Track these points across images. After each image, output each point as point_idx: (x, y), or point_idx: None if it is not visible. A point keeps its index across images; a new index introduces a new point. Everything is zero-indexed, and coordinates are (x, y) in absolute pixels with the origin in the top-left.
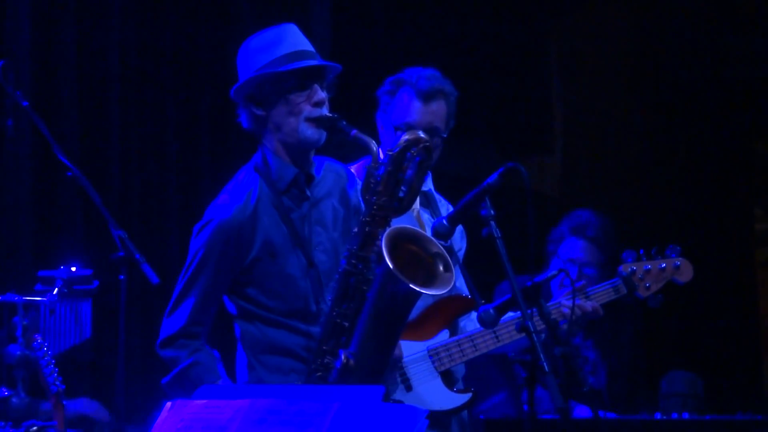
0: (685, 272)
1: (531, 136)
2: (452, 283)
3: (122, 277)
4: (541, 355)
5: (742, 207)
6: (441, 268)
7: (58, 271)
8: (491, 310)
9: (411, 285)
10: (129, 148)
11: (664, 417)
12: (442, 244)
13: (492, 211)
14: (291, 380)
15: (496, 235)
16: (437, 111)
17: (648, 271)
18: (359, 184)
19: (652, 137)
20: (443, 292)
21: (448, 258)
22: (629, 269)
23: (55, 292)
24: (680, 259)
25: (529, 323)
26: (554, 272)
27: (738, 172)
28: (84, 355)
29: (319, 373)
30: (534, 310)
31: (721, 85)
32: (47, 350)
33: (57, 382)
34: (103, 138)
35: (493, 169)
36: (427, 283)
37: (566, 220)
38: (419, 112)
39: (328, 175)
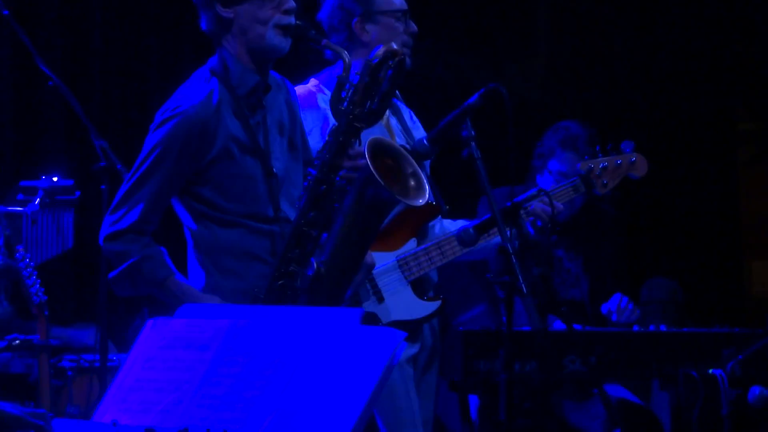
0: (640, 167)
1: (515, 40)
2: (425, 196)
3: (104, 187)
4: (520, 277)
5: (725, 106)
6: (413, 183)
7: (39, 181)
8: (471, 230)
9: (392, 193)
10: (110, 58)
11: (641, 329)
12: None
13: (472, 132)
14: (249, 284)
15: (476, 156)
16: None
17: (605, 168)
18: (326, 94)
19: (637, 37)
20: (420, 203)
21: (422, 176)
22: (587, 167)
23: (37, 202)
24: (635, 154)
25: (508, 245)
26: (534, 192)
27: (721, 71)
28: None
29: (282, 281)
30: (514, 230)
31: None
32: (30, 261)
33: (39, 293)
34: (84, 47)
35: (478, 72)
36: (401, 194)
37: (553, 133)
38: None
39: (275, 86)
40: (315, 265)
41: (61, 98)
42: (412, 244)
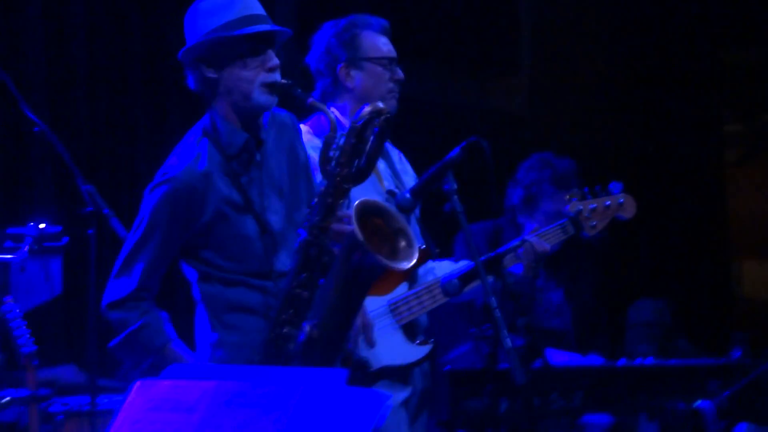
0: (629, 208)
1: (498, 56)
2: (414, 258)
3: (91, 231)
4: (503, 331)
5: (710, 109)
6: (403, 242)
7: (27, 228)
8: (455, 281)
9: (378, 257)
10: (96, 102)
11: (628, 362)
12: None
13: (454, 185)
14: (251, 339)
15: (458, 210)
16: None
17: (594, 209)
18: (315, 142)
19: (620, 51)
20: (407, 266)
21: (411, 233)
22: (576, 208)
23: (25, 249)
24: (624, 195)
25: (492, 299)
26: (517, 242)
27: (705, 77)
28: (55, 311)
29: (277, 343)
30: (497, 282)
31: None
32: (18, 312)
33: (29, 343)
34: (70, 93)
35: (461, 90)
36: (391, 256)
37: (538, 170)
38: (389, 44)
39: (273, 128)
40: (307, 328)
41: (47, 144)
42: (402, 288)
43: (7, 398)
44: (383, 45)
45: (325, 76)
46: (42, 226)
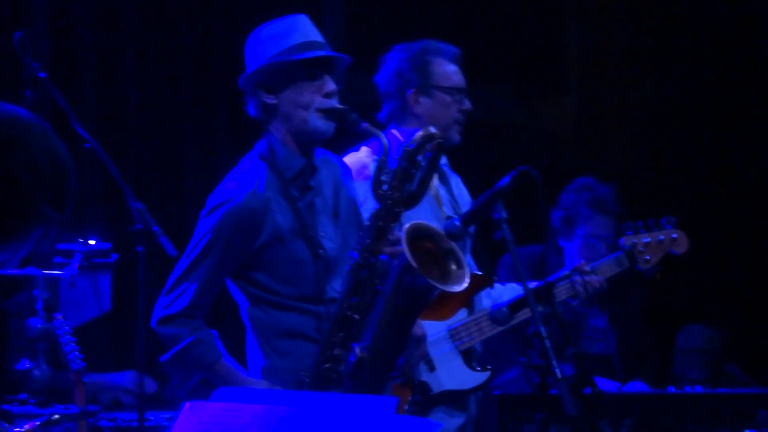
0: (681, 244)
1: (547, 77)
2: (465, 281)
3: (140, 249)
4: (553, 361)
5: (764, 134)
6: (454, 266)
7: (77, 245)
8: (504, 309)
9: (429, 280)
10: (146, 120)
11: (677, 390)
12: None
13: (504, 214)
14: (303, 365)
15: (508, 238)
16: None
17: (647, 243)
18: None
19: (670, 74)
20: (458, 289)
21: (461, 256)
22: (630, 242)
23: (74, 265)
24: (677, 230)
25: (542, 328)
26: (567, 272)
27: (758, 102)
28: (103, 327)
29: (328, 365)
30: (546, 310)
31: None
32: (67, 328)
33: (78, 360)
34: (121, 109)
35: (510, 110)
36: (442, 279)
37: (577, 194)
38: (459, 73)
39: (323, 166)
40: (357, 350)
41: (98, 161)
42: (462, 314)
43: (57, 415)
44: (454, 75)
45: (393, 98)
46: (92, 242)
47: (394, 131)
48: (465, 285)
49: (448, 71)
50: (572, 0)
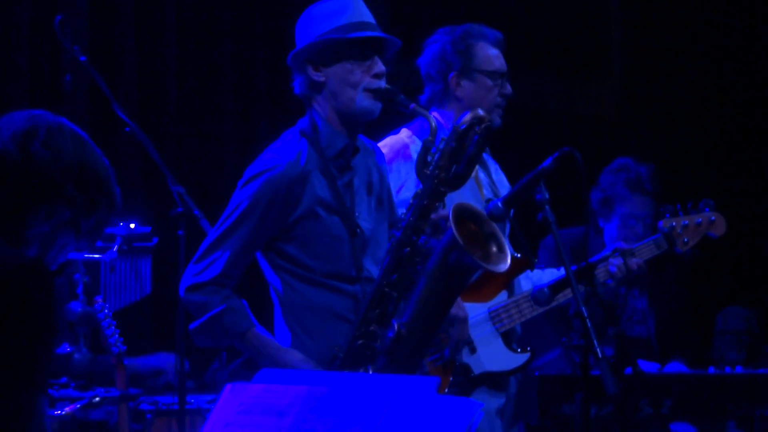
0: (719, 226)
1: (589, 61)
2: (507, 263)
3: (181, 232)
4: (594, 341)
5: None
6: (495, 247)
7: (117, 228)
8: (545, 289)
9: (475, 259)
10: (187, 104)
11: (717, 370)
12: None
13: (546, 195)
14: (334, 344)
15: (551, 219)
16: None
17: (686, 226)
18: (418, 144)
19: (713, 59)
20: (502, 269)
21: (502, 239)
22: (669, 224)
23: (115, 249)
24: (715, 213)
25: (583, 308)
26: (609, 252)
27: None
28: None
29: (362, 341)
30: (588, 291)
31: None
32: (108, 312)
33: (118, 344)
34: (161, 94)
35: (552, 95)
36: (484, 259)
37: (614, 175)
38: (501, 57)
39: (361, 150)
40: (396, 326)
41: (138, 144)
42: (503, 296)
43: (98, 398)
44: (496, 59)
45: (435, 81)
46: (132, 226)
47: (435, 114)
48: (507, 266)
49: (491, 55)
50: None
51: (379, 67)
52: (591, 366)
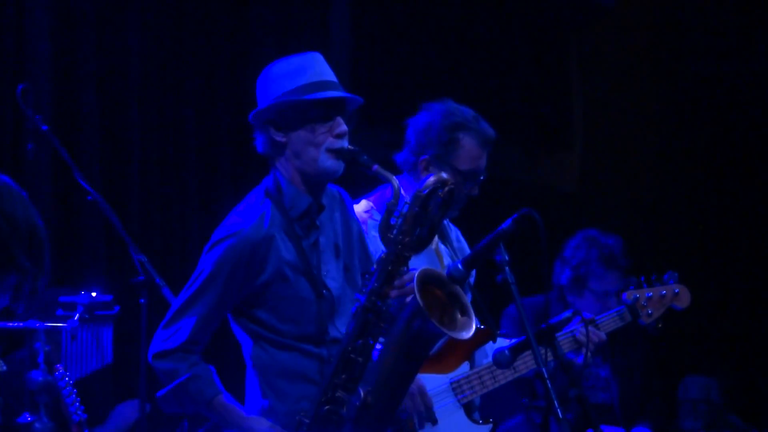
0: (684, 298)
1: (551, 133)
2: (472, 328)
3: (143, 301)
4: (555, 402)
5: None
6: (461, 314)
7: (79, 297)
8: (506, 352)
9: (439, 326)
10: (149, 173)
11: None
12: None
13: (506, 257)
14: (302, 407)
15: (510, 281)
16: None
17: (650, 298)
18: (376, 220)
19: (673, 131)
20: (466, 336)
21: (468, 305)
22: (633, 296)
23: (76, 318)
24: (679, 285)
25: (544, 369)
26: (569, 314)
27: (760, 161)
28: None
29: (329, 407)
30: (548, 350)
31: (744, 81)
32: (69, 380)
33: (79, 412)
34: (124, 162)
35: (515, 166)
36: (449, 326)
37: (587, 248)
38: (482, 159)
39: (325, 200)
40: (362, 394)
41: (100, 212)
42: (465, 368)
43: None
44: (474, 160)
45: (412, 151)
46: (94, 294)
47: (406, 177)
48: (472, 332)
49: (471, 156)
50: (576, 59)
51: (342, 127)
52: (552, 430)
